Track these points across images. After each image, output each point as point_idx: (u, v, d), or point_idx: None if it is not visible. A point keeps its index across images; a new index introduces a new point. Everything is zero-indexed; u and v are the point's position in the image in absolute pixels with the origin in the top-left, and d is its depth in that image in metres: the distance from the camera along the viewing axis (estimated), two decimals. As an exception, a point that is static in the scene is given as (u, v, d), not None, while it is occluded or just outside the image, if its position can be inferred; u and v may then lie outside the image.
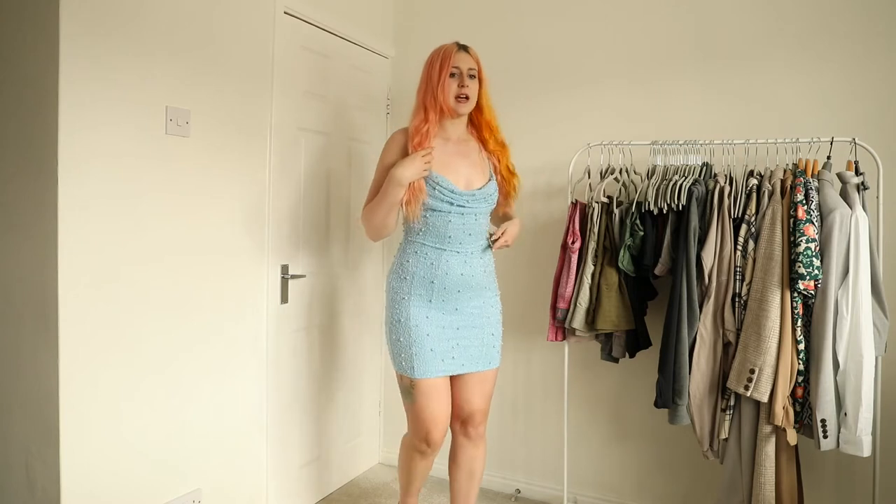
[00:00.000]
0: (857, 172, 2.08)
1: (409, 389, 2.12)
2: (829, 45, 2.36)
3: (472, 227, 2.14)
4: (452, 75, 2.11)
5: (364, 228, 2.26)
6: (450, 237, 2.12)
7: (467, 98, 2.12)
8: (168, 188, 2.07)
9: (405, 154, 2.12)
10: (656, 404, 2.25)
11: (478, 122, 2.23)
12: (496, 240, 2.15)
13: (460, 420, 2.24)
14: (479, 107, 2.19)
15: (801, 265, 1.97)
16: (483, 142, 2.23)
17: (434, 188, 2.09)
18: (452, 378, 2.19)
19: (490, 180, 2.19)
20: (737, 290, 2.14)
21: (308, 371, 2.75)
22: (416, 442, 2.17)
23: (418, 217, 2.11)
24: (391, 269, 2.23)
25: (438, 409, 2.12)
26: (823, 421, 1.98)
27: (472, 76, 2.13)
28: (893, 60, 2.28)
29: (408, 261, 2.16)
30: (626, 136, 2.48)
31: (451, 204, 2.10)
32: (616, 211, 2.36)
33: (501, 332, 2.27)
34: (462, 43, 2.18)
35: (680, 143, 2.33)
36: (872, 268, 2.00)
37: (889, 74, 2.28)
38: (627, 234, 2.28)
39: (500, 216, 2.33)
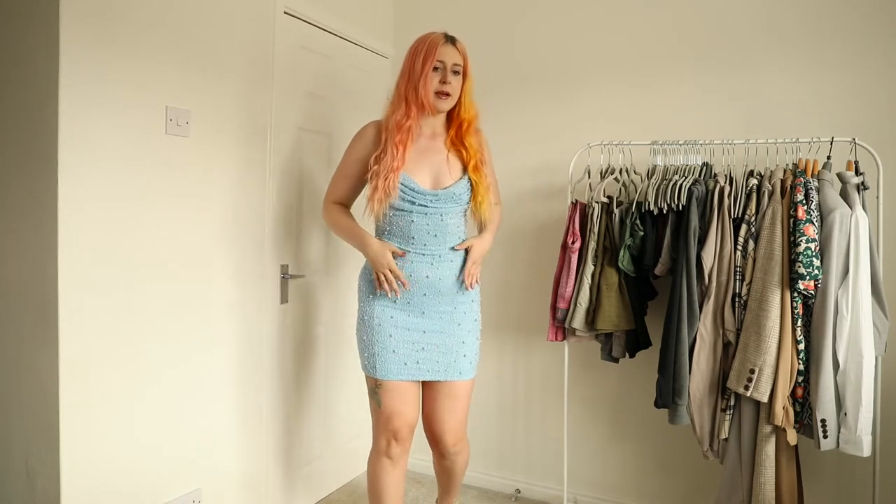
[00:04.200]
0: (857, 172, 2.08)
1: (374, 390, 2.06)
2: (830, 46, 2.36)
3: (437, 228, 2.03)
4: (436, 69, 1.99)
5: (324, 219, 2.24)
6: (413, 238, 2.02)
7: (448, 95, 2.01)
8: (168, 188, 2.07)
9: (376, 146, 2.04)
10: (656, 404, 2.25)
11: (453, 119, 2.09)
12: (464, 271, 2.06)
13: (434, 439, 2.15)
14: (458, 103, 2.06)
15: (801, 265, 1.97)
16: (453, 140, 2.08)
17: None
18: (424, 392, 2.13)
19: (460, 180, 2.05)
20: (737, 290, 2.14)
21: (308, 371, 2.75)
22: (384, 444, 2.06)
23: (380, 216, 2.04)
24: (362, 267, 2.16)
25: (405, 406, 2.03)
26: (823, 421, 1.98)
27: (456, 72, 2.02)
28: (893, 60, 2.28)
29: None
30: (626, 136, 2.47)
31: (413, 203, 2.01)
32: (616, 211, 2.36)
33: (477, 342, 2.15)
34: (450, 35, 2.06)
35: (680, 143, 2.33)
36: (872, 268, 2.00)
37: (889, 74, 2.28)
38: (627, 234, 2.28)
39: (478, 223, 2.17)
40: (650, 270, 2.28)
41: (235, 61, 2.30)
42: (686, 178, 2.23)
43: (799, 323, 2.04)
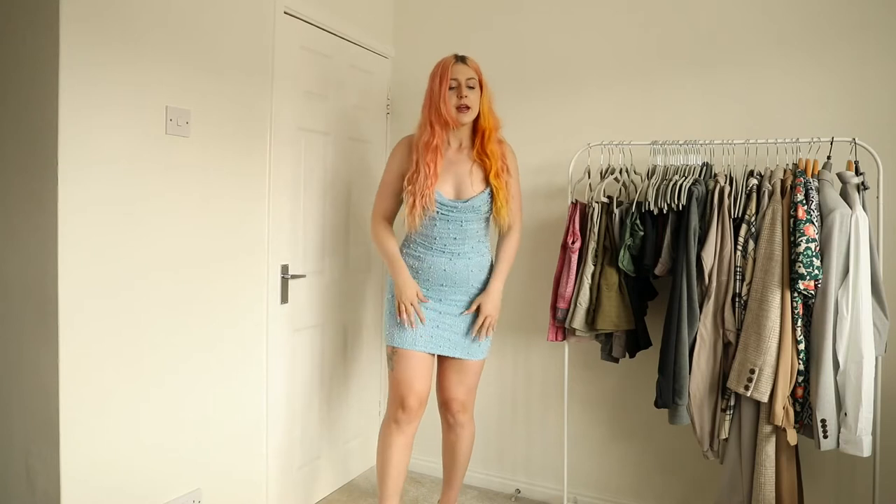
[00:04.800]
0: (857, 172, 2.08)
1: (390, 357, 2.33)
2: (830, 46, 2.36)
3: (457, 233, 2.27)
4: (451, 88, 2.21)
5: (371, 234, 2.43)
6: (435, 239, 2.28)
7: (468, 108, 2.21)
8: (168, 188, 2.07)
9: (409, 160, 2.27)
10: (656, 404, 2.25)
11: (477, 130, 2.29)
12: (480, 327, 2.30)
13: (442, 405, 2.43)
14: (479, 114, 2.26)
15: (801, 265, 1.97)
16: (478, 150, 2.28)
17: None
18: (438, 364, 2.39)
19: (481, 193, 2.26)
20: (737, 290, 2.14)
21: (308, 371, 2.75)
22: (393, 409, 2.31)
23: (417, 228, 2.28)
24: None
25: (415, 376, 2.27)
26: (823, 421, 1.98)
27: (470, 87, 2.22)
28: (893, 60, 2.28)
29: (403, 251, 2.36)
30: (626, 136, 2.48)
31: (437, 212, 2.25)
32: (616, 211, 2.36)
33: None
34: (461, 55, 2.27)
35: (680, 143, 2.33)
36: (872, 268, 2.00)
37: (889, 74, 2.28)
38: (627, 234, 2.28)
39: (499, 229, 2.37)
40: (650, 270, 2.28)
41: (235, 61, 2.29)
42: (686, 178, 2.23)
43: (799, 323, 2.04)
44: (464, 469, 2.51)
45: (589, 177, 2.50)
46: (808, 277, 1.97)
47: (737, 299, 2.14)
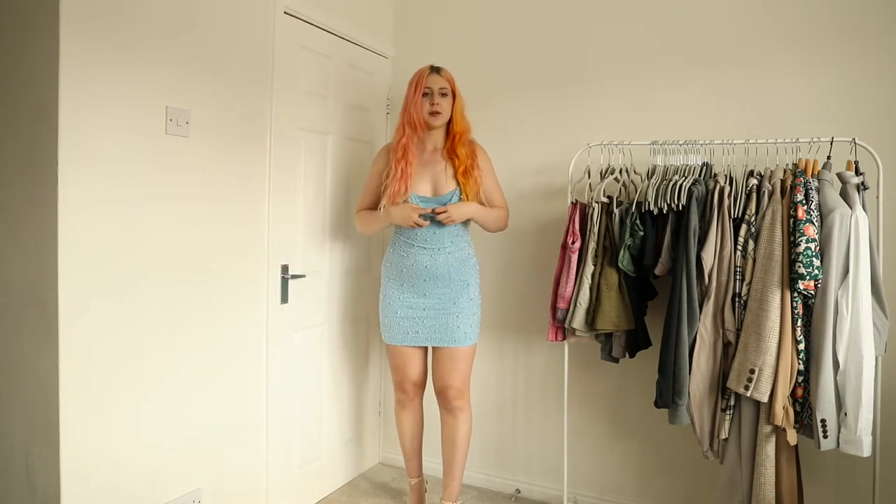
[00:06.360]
0: (857, 172, 2.08)
1: (387, 350, 2.62)
2: (830, 45, 2.36)
3: (436, 227, 2.44)
4: (425, 95, 2.42)
5: (357, 226, 2.65)
6: (417, 234, 2.44)
7: (439, 113, 2.42)
8: (168, 188, 2.07)
9: (387, 163, 2.47)
10: (656, 404, 2.25)
11: (450, 133, 2.49)
12: (436, 212, 2.38)
13: (439, 393, 2.55)
14: (451, 119, 2.46)
15: (801, 265, 1.97)
16: (448, 150, 2.47)
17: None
18: (432, 355, 2.57)
19: (455, 188, 2.44)
20: (737, 290, 2.14)
21: (308, 371, 2.75)
22: (396, 392, 2.65)
23: None
24: (384, 257, 2.60)
25: (406, 364, 2.56)
26: (823, 421, 1.98)
27: (443, 94, 2.43)
28: (893, 61, 2.28)
29: (390, 251, 2.55)
30: (626, 136, 2.47)
31: None
32: (616, 211, 2.36)
33: (473, 316, 2.50)
34: (436, 66, 2.46)
35: (680, 143, 2.33)
36: (872, 268, 2.00)
37: (889, 74, 2.28)
38: (627, 234, 2.28)
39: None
40: (650, 270, 2.28)
41: (235, 61, 2.30)
42: (686, 178, 2.23)
43: (799, 323, 2.04)
44: (463, 458, 2.56)
45: (589, 177, 2.50)
46: (807, 277, 1.97)
47: (737, 299, 2.14)
